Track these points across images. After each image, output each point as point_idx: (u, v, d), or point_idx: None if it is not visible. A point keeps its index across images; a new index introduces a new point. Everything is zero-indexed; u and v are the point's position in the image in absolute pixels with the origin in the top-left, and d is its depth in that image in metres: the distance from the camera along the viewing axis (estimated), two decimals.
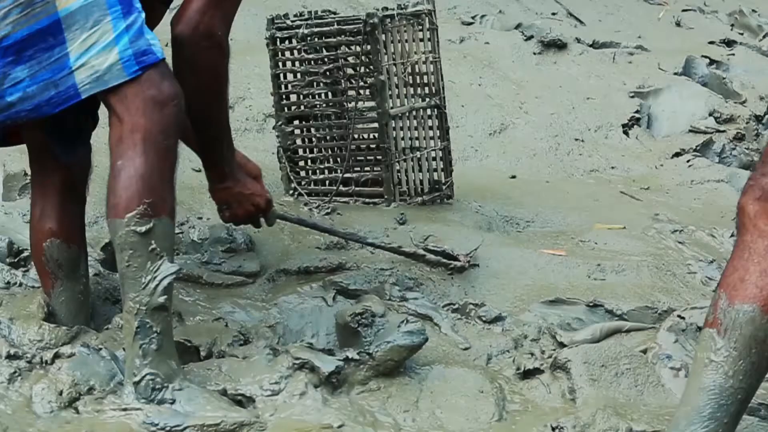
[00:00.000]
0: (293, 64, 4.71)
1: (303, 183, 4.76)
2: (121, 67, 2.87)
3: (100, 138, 3.31)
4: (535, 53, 7.23)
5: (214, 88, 3.30)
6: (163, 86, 2.90)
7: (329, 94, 4.68)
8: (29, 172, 4.24)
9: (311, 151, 4.80)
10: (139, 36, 2.90)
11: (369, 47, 4.48)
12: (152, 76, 2.90)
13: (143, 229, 2.84)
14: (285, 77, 4.73)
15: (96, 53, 2.86)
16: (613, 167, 5.90)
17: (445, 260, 3.86)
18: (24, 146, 3.37)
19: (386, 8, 4.64)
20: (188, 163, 4.28)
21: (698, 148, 6.06)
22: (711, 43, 8.00)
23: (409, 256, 3.87)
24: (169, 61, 3.05)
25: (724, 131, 6.29)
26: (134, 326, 2.86)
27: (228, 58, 3.29)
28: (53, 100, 2.89)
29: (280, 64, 4.72)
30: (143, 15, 2.93)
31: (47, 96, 2.88)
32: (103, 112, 3.13)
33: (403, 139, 4.67)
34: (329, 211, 4.41)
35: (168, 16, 3.33)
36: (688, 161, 5.90)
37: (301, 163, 4.81)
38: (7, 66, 2.86)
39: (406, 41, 4.62)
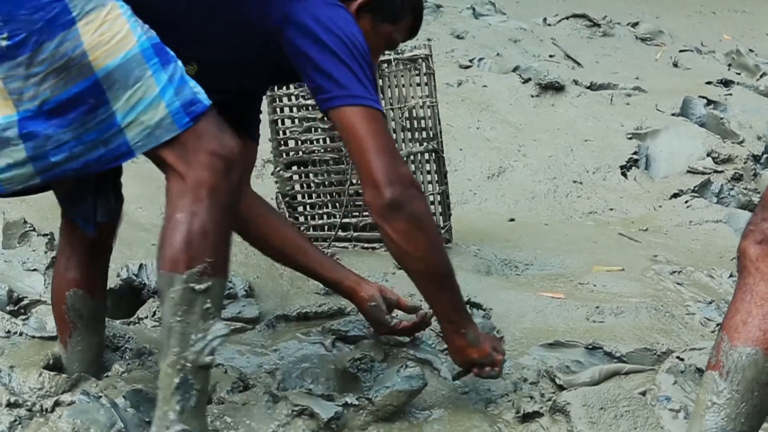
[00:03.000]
0: (291, 110, 4.73)
1: (302, 228, 4.77)
2: (171, 120, 2.78)
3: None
4: (532, 96, 7.26)
5: (436, 237, 3.15)
6: (224, 139, 2.81)
7: (327, 139, 4.69)
8: (29, 220, 4.28)
9: (310, 197, 4.81)
10: (183, 86, 2.81)
11: None
12: (209, 129, 2.80)
13: (202, 287, 2.76)
14: (283, 123, 4.75)
15: (143, 109, 2.77)
16: (611, 209, 5.91)
17: None
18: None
19: (383, 53, 4.66)
20: None
21: (696, 188, 6.08)
22: (708, 83, 8.03)
23: None
24: None
25: (722, 171, 6.31)
26: (175, 381, 2.78)
27: None
28: (103, 158, 2.81)
29: (278, 110, 4.74)
30: (180, 62, 2.84)
31: (96, 154, 2.80)
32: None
33: None
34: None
35: None
36: (686, 202, 5.91)
37: (300, 209, 4.83)
38: (50, 128, 2.78)
39: (403, 86, 4.64)
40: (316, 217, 4.79)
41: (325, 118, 3.94)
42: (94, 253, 3.24)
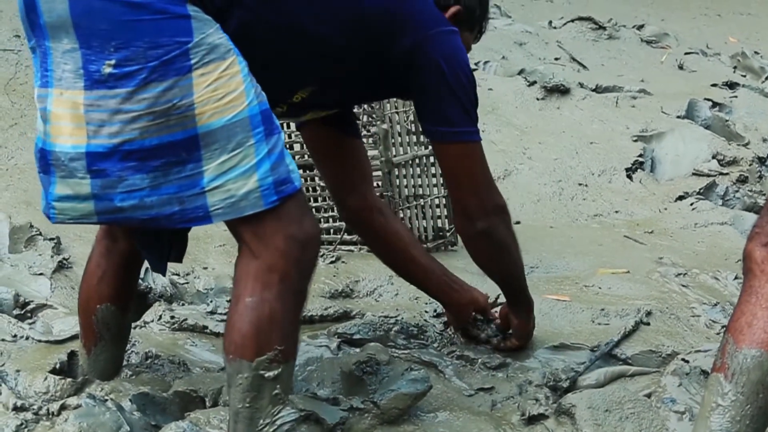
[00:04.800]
0: None
1: None
2: (259, 195, 2.65)
3: None
4: (538, 98, 7.27)
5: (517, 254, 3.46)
6: (304, 224, 2.72)
7: None
8: (35, 224, 4.29)
9: (315, 200, 4.82)
10: (280, 162, 2.68)
11: None
12: (292, 211, 2.70)
13: (272, 374, 2.71)
14: (288, 127, 4.75)
15: (234, 177, 2.63)
16: (616, 211, 5.91)
17: None
18: (29, 198, 3.36)
19: None
20: None
21: (702, 191, 6.08)
22: (714, 85, 8.03)
23: None
24: None
25: (727, 174, 6.30)
26: None
27: None
28: (175, 217, 2.66)
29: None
30: (283, 135, 2.75)
31: (168, 211, 2.65)
32: None
33: (406, 187, 4.70)
34: (334, 259, 4.42)
35: None
36: (691, 204, 5.91)
37: None
38: (125, 171, 2.62)
39: None
40: (321, 220, 4.79)
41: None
42: (129, 268, 3.20)
